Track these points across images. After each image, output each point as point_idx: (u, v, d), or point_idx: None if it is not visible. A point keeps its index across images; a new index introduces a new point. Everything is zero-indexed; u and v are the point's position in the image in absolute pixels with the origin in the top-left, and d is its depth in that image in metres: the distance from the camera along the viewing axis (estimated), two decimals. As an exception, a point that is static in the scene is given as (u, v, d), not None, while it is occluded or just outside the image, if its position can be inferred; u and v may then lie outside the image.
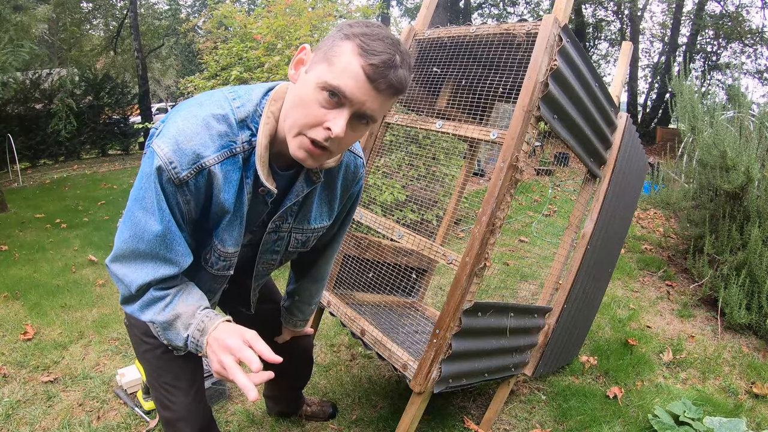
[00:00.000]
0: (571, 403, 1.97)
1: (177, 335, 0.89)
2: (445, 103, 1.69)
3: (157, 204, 0.84)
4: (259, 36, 3.70)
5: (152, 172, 0.83)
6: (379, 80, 0.78)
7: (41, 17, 6.56)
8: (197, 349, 0.88)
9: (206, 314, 0.88)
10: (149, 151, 0.85)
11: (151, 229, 0.86)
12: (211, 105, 0.87)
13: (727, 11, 13.09)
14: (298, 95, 0.84)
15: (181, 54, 16.54)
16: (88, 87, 10.78)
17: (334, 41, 0.80)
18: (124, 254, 0.89)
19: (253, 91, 0.92)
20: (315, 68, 0.82)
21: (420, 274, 2.16)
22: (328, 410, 1.84)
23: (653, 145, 10.81)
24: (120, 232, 0.90)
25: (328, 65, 0.79)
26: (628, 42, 1.95)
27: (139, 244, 0.87)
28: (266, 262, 1.13)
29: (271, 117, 0.89)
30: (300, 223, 1.07)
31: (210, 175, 0.86)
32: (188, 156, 0.83)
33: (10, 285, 3.17)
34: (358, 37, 0.78)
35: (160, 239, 0.86)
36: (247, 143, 0.89)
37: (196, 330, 0.87)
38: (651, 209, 5.20)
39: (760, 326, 2.58)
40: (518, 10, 16.63)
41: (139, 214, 0.86)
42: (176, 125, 0.84)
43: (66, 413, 1.86)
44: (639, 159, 2.14)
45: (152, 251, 0.87)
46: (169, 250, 0.88)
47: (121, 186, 6.94)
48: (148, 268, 0.88)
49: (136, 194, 0.86)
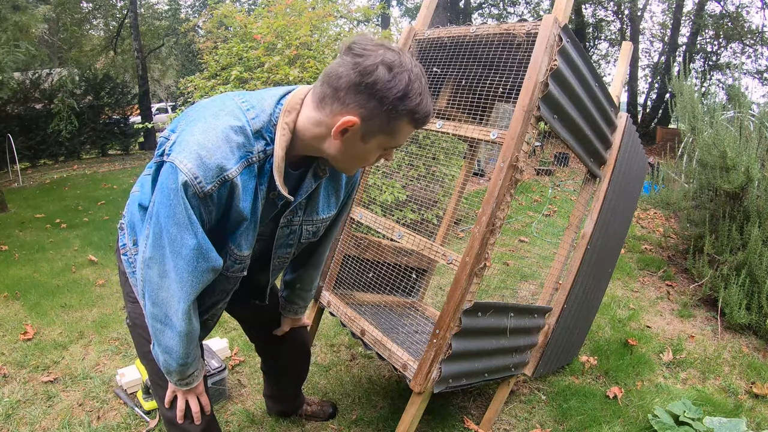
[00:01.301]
0: (571, 403, 1.97)
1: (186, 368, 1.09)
2: (445, 103, 1.68)
3: (188, 218, 0.88)
4: (259, 36, 3.70)
5: (178, 189, 0.85)
6: (425, 125, 0.95)
7: (41, 17, 6.55)
8: (191, 380, 1.13)
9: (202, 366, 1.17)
10: (170, 167, 0.86)
11: (188, 244, 0.90)
12: (227, 116, 0.89)
13: (727, 11, 13.10)
14: (355, 155, 0.95)
15: (181, 54, 16.53)
16: (88, 87, 10.77)
17: (389, 119, 0.88)
18: (165, 272, 0.94)
19: (265, 100, 0.95)
20: (373, 138, 0.91)
21: (420, 274, 2.16)
22: (328, 410, 1.84)
23: (653, 145, 10.82)
24: (155, 254, 0.93)
25: (388, 137, 0.92)
26: (628, 42, 1.95)
27: (178, 260, 0.91)
28: (281, 256, 1.18)
29: (287, 128, 0.93)
30: (309, 215, 1.13)
31: (232, 186, 0.89)
32: (212, 170, 0.85)
33: (10, 285, 3.17)
34: (412, 112, 0.88)
35: (196, 252, 0.91)
36: (262, 153, 0.92)
37: (197, 372, 1.12)
38: (651, 209, 5.20)
39: (760, 326, 2.58)
40: (518, 10, 16.64)
41: (173, 231, 0.89)
42: (195, 139, 0.86)
43: (66, 413, 1.86)
44: (639, 159, 2.14)
45: (191, 265, 0.92)
46: (206, 260, 0.93)
47: (121, 186, 6.94)
48: (189, 284, 0.94)
49: (167, 211, 0.88)
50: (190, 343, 1.03)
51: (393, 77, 0.84)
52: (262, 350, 1.64)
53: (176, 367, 1.05)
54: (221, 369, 1.89)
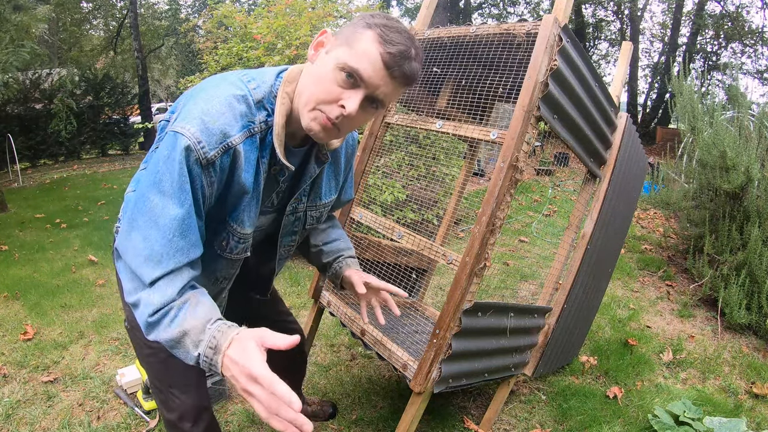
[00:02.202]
0: (571, 403, 1.97)
1: (187, 354, 0.79)
2: (445, 103, 1.68)
3: (179, 186, 0.81)
4: (259, 36, 3.70)
5: (178, 154, 0.80)
6: (394, 68, 0.85)
7: (41, 17, 6.55)
8: (212, 368, 0.77)
9: (218, 328, 0.77)
10: (170, 135, 0.82)
11: (169, 213, 0.81)
12: (229, 86, 0.88)
13: (727, 11, 13.10)
14: (317, 73, 0.89)
15: (181, 54, 16.55)
16: (88, 87, 10.76)
17: (355, 28, 0.86)
18: (135, 245, 0.82)
19: (266, 73, 0.95)
20: (335, 50, 0.87)
21: (420, 274, 2.15)
22: (328, 410, 1.84)
23: (653, 145, 10.82)
24: (130, 221, 0.84)
25: (348, 48, 0.85)
26: (628, 42, 1.95)
27: (152, 231, 0.82)
28: (287, 244, 1.18)
29: (287, 98, 0.93)
30: (313, 201, 1.13)
31: (235, 155, 0.87)
32: (216, 135, 0.83)
33: (10, 285, 3.17)
34: (379, 27, 0.84)
35: (177, 223, 0.82)
36: (264, 123, 0.91)
37: (208, 348, 0.77)
38: (651, 209, 5.20)
39: (760, 326, 2.58)
40: (518, 10, 16.64)
41: (155, 199, 0.81)
42: (199, 106, 0.84)
43: (66, 413, 1.86)
44: (639, 159, 2.14)
45: (165, 237, 0.81)
46: (182, 237, 0.83)
47: (121, 186, 6.94)
48: (161, 259, 0.81)
49: (153, 178, 0.82)
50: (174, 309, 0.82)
51: (377, 14, 0.87)
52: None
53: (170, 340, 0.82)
54: (221, 369, 1.89)
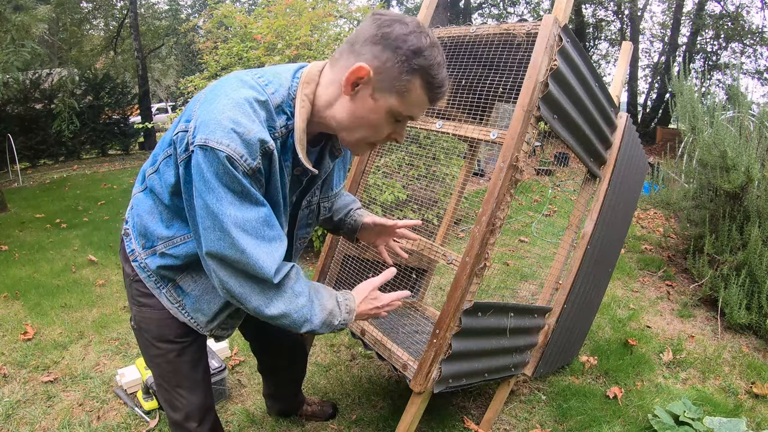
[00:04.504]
0: (571, 403, 1.97)
1: (327, 326, 0.99)
2: (445, 103, 1.69)
3: (243, 191, 0.84)
4: (260, 36, 3.70)
5: (222, 167, 0.80)
6: (438, 99, 0.90)
7: (42, 17, 6.55)
8: (343, 327, 1.02)
9: (344, 297, 1.04)
10: (201, 151, 0.81)
11: (250, 217, 0.85)
12: (249, 90, 0.86)
13: (727, 11, 13.09)
14: (366, 118, 0.89)
15: (181, 54, 16.55)
16: (88, 87, 10.78)
17: (401, 73, 0.84)
18: (235, 260, 0.86)
19: (281, 74, 0.92)
20: (384, 98, 0.86)
21: (420, 274, 2.15)
22: (328, 410, 1.84)
23: (653, 145, 10.81)
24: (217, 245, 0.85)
25: (399, 98, 0.86)
26: (628, 42, 1.95)
27: (243, 239, 0.84)
28: (302, 237, 1.19)
29: (306, 100, 0.91)
30: (326, 193, 1.15)
31: (271, 158, 0.87)
32: (254, 145, 0.83)
33: (10, 285, 3.17)
34: (426, 71, 0.84)
35: (262, 221, 0.86)
36: (284, 128, 0.90)
37: (346, 314, 1.02)
38: (651, 209, 5.20)
39: (760, 326, 2.58)
40: (518, 10, 16.63)
41: (231, 211, 0.83)
42: (226, 116, 0.81)
43: (66, 413, 1.86)
44: (639, 159, 2.14)
45: (258, 236, 0.86)
46: (272, 228, 0.88)
47: (121, 186, 6.94)
48: (269, 256, 0.88)
49: (215, 198, 0.82)
50: (308, 303, 0.96)
51: (411, 32, 0.82)
52: (258, 350, 1.63)
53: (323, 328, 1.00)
54: (221, 369, 1.89)
